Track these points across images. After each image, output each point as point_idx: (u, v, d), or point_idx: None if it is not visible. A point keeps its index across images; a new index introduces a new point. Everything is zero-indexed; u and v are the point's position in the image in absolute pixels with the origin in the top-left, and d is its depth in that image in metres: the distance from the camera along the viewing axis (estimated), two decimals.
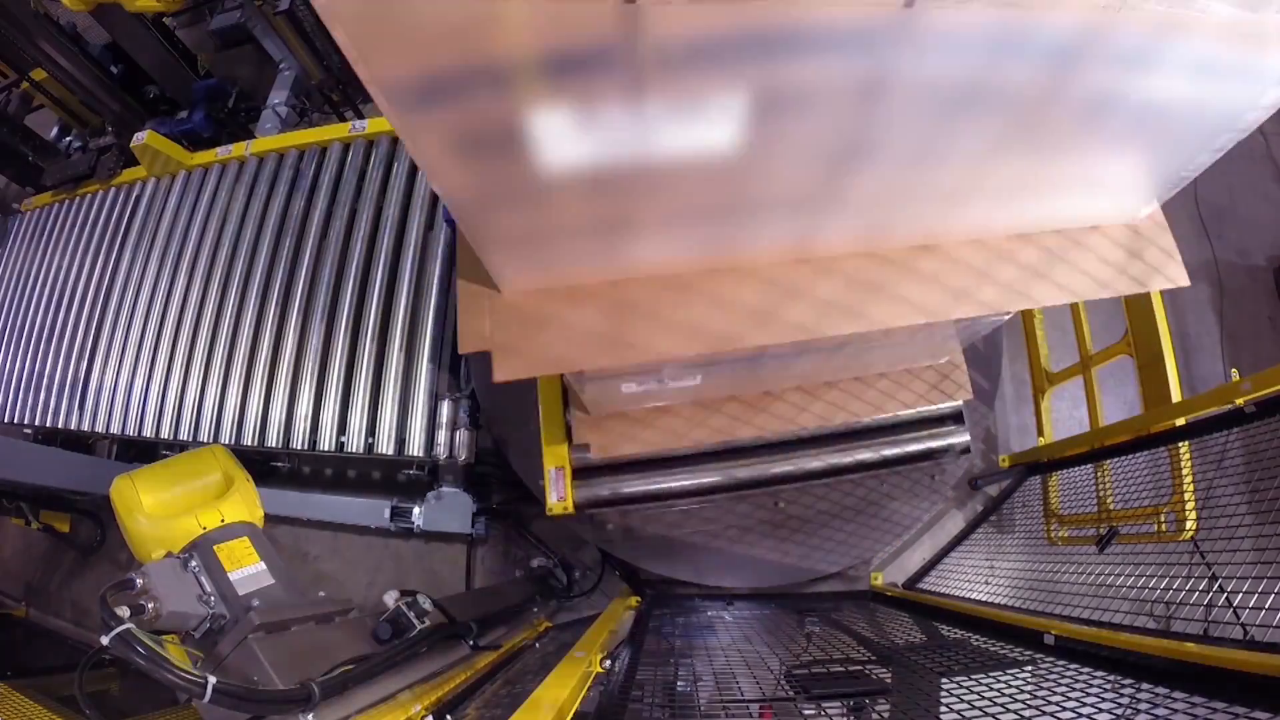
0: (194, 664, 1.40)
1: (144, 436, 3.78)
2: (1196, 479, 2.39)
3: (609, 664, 1.73)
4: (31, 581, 4.53)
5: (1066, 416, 3.58)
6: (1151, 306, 2.70)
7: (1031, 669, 1.71)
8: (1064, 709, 1.38)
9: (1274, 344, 3.84)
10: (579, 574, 3.63)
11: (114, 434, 3.90)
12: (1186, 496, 2.39)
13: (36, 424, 4.14)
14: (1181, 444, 2.44)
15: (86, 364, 4.08)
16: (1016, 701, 1.47)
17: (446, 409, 3.38)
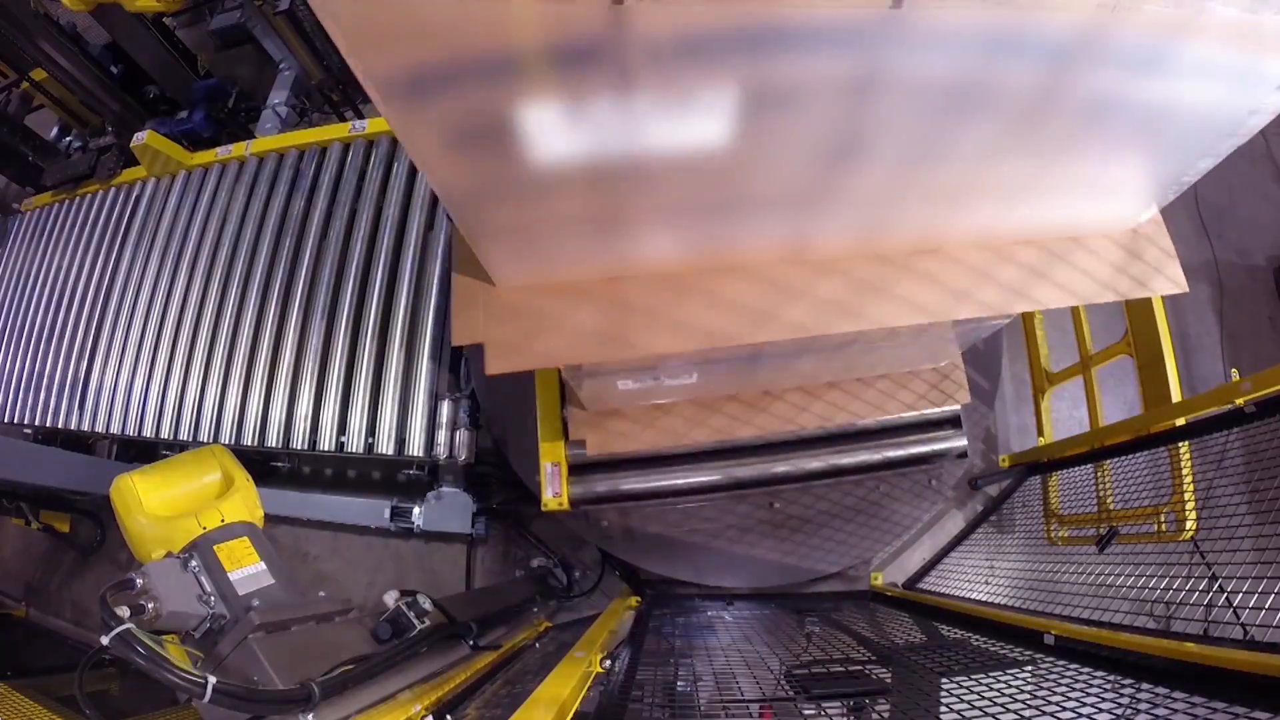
0: (194, 664, 1.39)
1: (144, 436, 3.78)
2: (1196, 479, 2.39)
3: (609, 664, 1.73)
4: (31, 581, 4.53)
5: (1066, 416, 3.58)
6: (1151, 307, 2.70)
7: (1031, 669, 1.71)
8: (1064, 709, 1.38)
9: (1274, 344, 3.84)
10: (579, 574, 3.63)
11: (114, 434, 3.90)
12: (1186, 496, 2.39)
13: (36, 424, 4.14)
14: (1181, 444, 2.44)
15: (86, 364, 4.08)
16: (1016, 701, 1.47)
17: (446, 409, 3.38)
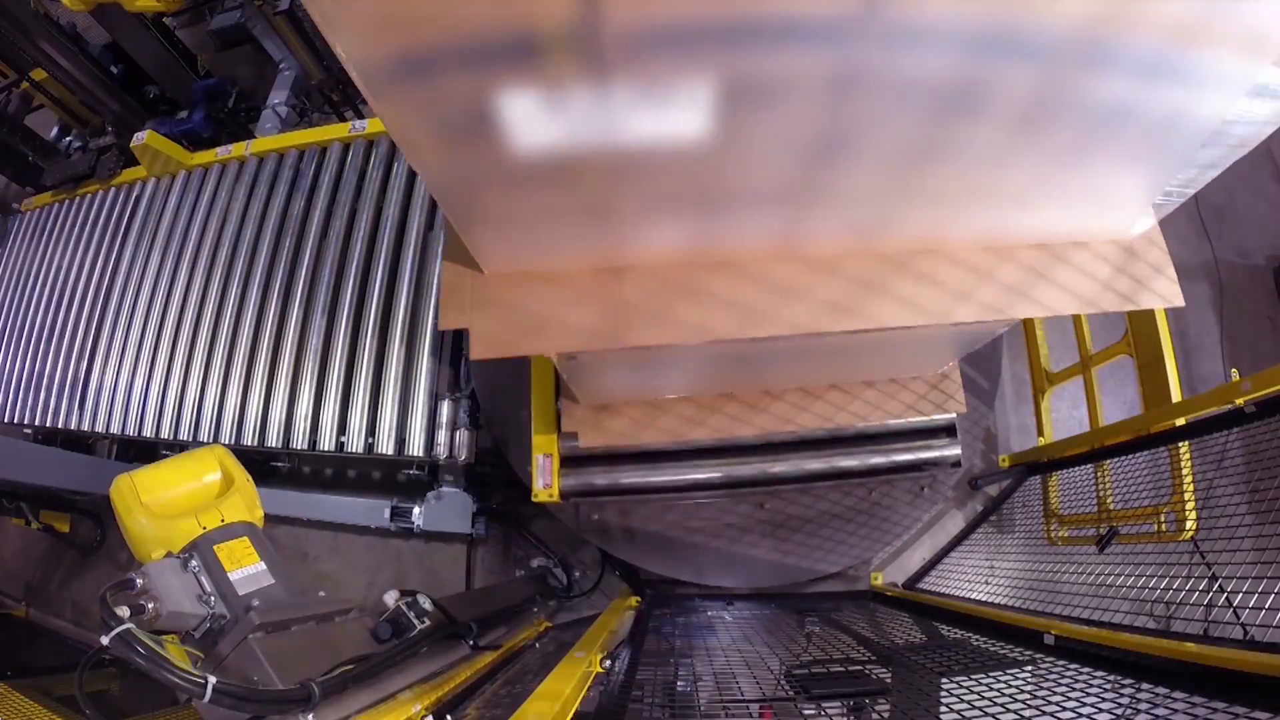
0: (194, 664, 1.39)
1: (144, 436, 3.78)
2: (1196, 479, 2.39)
3: (609, 664, 1.73)
4: (31, 581, 4.53)
5: (1066, 416, 3.58)
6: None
7: (1031, 669, 1.71)
8: (1064, 709, 1.38)
9: (1274, 344, 3.84)
10: (579, 574, 3.63)
11: (114, 434, 3.90)
12: (1186, 496, 2.39)
13: (36, 424, 4.14)
14: (1181, 444, 2.44)
15: (86, 364, 4.08)
16: (1016, 701, 1.47)
17: (446, 409, 3.38)
